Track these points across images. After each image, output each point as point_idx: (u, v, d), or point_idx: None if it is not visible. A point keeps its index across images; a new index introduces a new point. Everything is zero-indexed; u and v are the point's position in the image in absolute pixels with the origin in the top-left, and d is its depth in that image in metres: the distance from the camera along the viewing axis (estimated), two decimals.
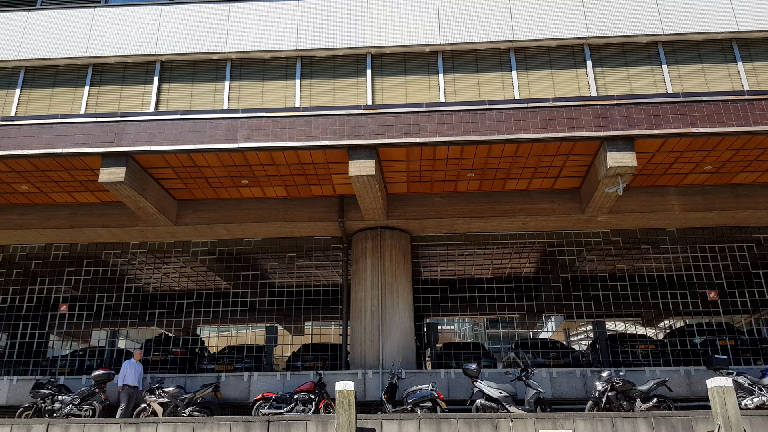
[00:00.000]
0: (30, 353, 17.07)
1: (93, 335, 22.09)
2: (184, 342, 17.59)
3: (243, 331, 23.48)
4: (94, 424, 9.33)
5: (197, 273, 19.54)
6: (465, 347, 17.92)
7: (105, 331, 19.00)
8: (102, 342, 19.69)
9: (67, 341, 21.04)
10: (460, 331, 33.47)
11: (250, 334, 22.69)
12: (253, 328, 23.48)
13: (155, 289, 20.35)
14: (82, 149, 13.01)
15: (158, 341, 17.53)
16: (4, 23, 16.08)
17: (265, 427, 9.07)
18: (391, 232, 15.57)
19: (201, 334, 18.98)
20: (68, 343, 21.35)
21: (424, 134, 12.79)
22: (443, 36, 15.31)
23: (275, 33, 15.60)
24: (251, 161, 13.54)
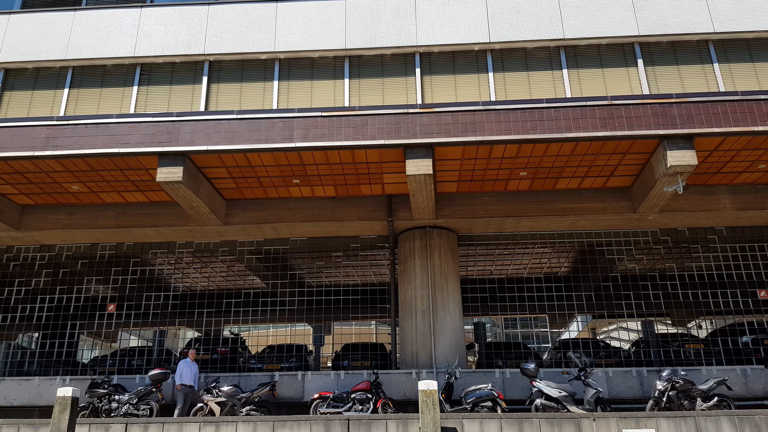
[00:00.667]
0: (74, 353, 17.14)
1: (139, 335, 22.16)
2: (225, 341, 17.62)
3: (284, 330, 23.48)
4: (173, 423, 9.34)
5: (240, 273, 19.56)
6: (507, 347, 17.86)
7: (151, 331, 19.03)
8: (144, 341, 19.75)
9: (114, 341, 21.06)
10: (492, 332, 33.32)
11: (291, 333, 22.70)
12: (293, 327, 23.48)
13: (200, 289, 20.38)
14: (139, 149, 13.03)
15: (201, 341, 17.56)
16: (50, 23, 16.13)
17: (345, 426, 9.06)
18: (440, 231, 15.54)
19: (241, 333, 18.97)
20: (116, 343, 21.39)
21: (481, 133, 12.74)
22: (492, 34, 15.26)
23: (323, 32, 15.59)
24: (306, 161, 13.54)
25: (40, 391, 14.12)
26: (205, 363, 16.74)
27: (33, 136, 13.25)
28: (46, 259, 16.79)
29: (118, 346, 20.22)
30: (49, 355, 16.85)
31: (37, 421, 9.75)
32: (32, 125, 13.29)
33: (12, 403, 14.03)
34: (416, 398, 13.58)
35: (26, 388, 14.13)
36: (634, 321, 21.52)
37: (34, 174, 13.97)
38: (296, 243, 16.58)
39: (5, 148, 13.15)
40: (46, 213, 15.56)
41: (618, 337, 26.04)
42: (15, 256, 16.76)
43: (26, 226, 15.49)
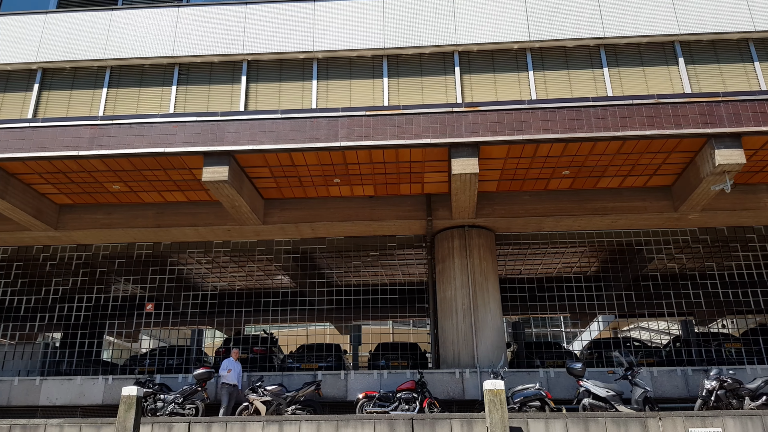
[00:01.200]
0: (113, 353, 17.15)
1: (174, 334, 22.20)
2: (260, 340, 17.62)
3: (313, 330, 23.47)
4: (236, 422, 9.33)
5: (271, 272, 19.56)
6: (540, 346, 17.82)
7: (187, 330, 19.05)
8: (178, 341, 19.76)
9: (153, 340, 21.09)
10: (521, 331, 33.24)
11: (322, 333, 22.70)
12: (324, 327, 23.47)
13: (232, 288, 20.39)
14: (184, 148, 13.02)
15: (236, 340, 17.57)
16: (87, 23, 16.15)
17: (409, 425, 9.03)
18: (478, 231, 15.50)
19: (274, 332, 18.96)
20: (154, 342, 21.43)
21: (527, 131, 12.71)
22: (532, 33, 15.22)
23: (361, 32, 15.57)
24: (349, 160, 13.52)
25: (82, 390, 14.14)
26: (243, 362, 16.74)
27: (77, 135, 13.26)
28: (82, 258, 16.81)
29: (149, 346, 20.27)
30: (87, 354, 16.87)
31: (99, 420, 9.75)
32: (76, 125, 13.30)
33: (54, 402, 14.05)
34: (460, 398, 13.57)
35: (68, 388, 14.15)
36: (665, 320, 21.45)
37: (76, 174, 13.98)
38: (332, 242, 16.57)
39: (50, 147, 13.17)
40: (84, 212, 15.57)
41: (650, 336, 25.96)
42: (51, 256, 16.78)
43: (64, 225, 15.51)
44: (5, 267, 16.98)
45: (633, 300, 19.48)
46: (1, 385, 14.27)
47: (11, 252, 16.81)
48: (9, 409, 14.19)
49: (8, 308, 16.76)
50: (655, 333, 26.77)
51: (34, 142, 13.24)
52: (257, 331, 20.21)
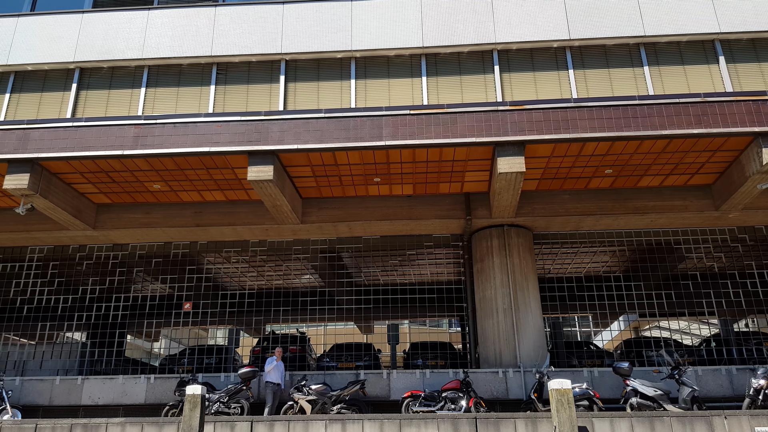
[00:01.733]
0: (151, 352, 17.17)
1: (209, 333, 22.23)
2: (291, 340, 17.64)
3: (343, 329, 23.45)
4: (299, 421, 9.32)
5: (302, 271, 19.57)
6: (577, 346, 17.78)
7: (222, 329, 19.07)
8: (211, 339, 19.76)
9: (190, 339, 21.09)
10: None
11: (351, 332, 22.66)
12: (348, 326, 23.41)
13: (264, 287, 20.37)
14: (229, 147, 13.03)
15: (268, 339, 17.59)
16: (124, 22, 16.17)
17: (473, 424, 9.01)
18: (517, 230, 15.47)
19: (306, 331, 18.96)
20: (191, 341, 21.44)
21: (574, 130, 12.67)
22: (572, 31, 15.18)
23: (399, 30, 15.56)
24: (392, 159, 13.50)
25: (124, 389, 14.16)
26: None
27: (121, 135, 13.27)
28: (119, 258, 16.83)
29: (187, 345, 20.24)
30: (120, 353, 16.89)
31: (160, 419, 9.75)
32: (120, 124, 13.32)
33: (97, 402, 14.07)
34: (504, 397, 13.55)
35: (110, 387, 14.17)
36: (699, 320, 21.34)
37: (118, 173, 14.00)
38: (368, 242, 16.56)
39: (94, 147, 13.19)
40: (122, 212, 15.59)
41: (680, 336, 25.86)
42: (88, 255, 16.81)
43: (103, 225, 15.53)
44: (42, 266, 17.01)
45: (672, 299, 19.39)
46: (43, 385, 14.30)
47: (47, 251, 16.85)
48: (51, 408, 14.22)
49: (45, 307, 16.80)
50: (677, 332, 26.67)
51: (78, 141, 13.26)
52: (283, 331, 20.20)
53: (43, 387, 14.24)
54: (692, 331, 20.85)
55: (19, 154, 13.18)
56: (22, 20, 16.41)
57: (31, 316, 16.37)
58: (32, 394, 14.20)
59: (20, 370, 15.84)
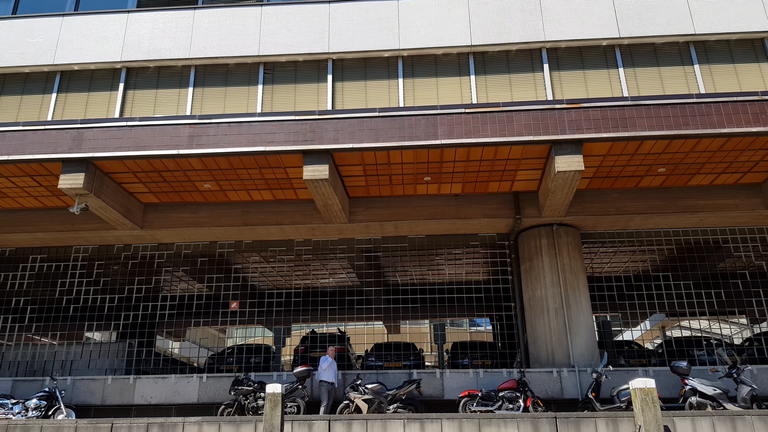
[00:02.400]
0: (199, 350, 17.18)
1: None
2: (333, 339, 17.65)
3: (381, 329, 23.49)
4: (377, 420, 9.31)
5: (339, 270, 19.57)
6: (619, 345, 17.73)
7: (271, 329, 19.06)
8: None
9: (238, 337, 21.12)
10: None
11: (387, 331, 22.67)
12: (405, 325, 23.44)
13: (305, 287, 20.40)
14: (284, 147, 13.02)
15: (312, 338, 17.60)
16: (170, 22, 16.18)
17: (552, 424, 8.98)
18: (566, 229, 15.42)
19: (346, 331, 18.97)
20: (239, 339, 21.46)
21: (632, 128, 12.61)
22: (621, 29, 15.12)
23: (446, 29, 15.53)
24: (446, 158, 13.47)
25: (177, 389, 14.16)
26: (315, 361, 16.75)
27: (176, 134, 13.28)
28: (164, 257, 16.85)
29: (231, 343, 20.31)
30: (162, 353, 16.91)
31: (238, 418, 9.74)
32: (174, 124, 13.32)
33: (149, 401, 14.09)
34: (559, 397, 13.50)
35: (163, 387, 14.18)
36: (739, 319, 21.28)
37: (170, 173, 14.00)
38: (414, 241, 16.53)
39: (149, 146, 13.19)
40: (169, 211, 15.60)
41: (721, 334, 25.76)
42: (133, 255, 16.83)
43: (150, 224, 15.55)
44: (87, 266, 17.04)
45: (723, 297, 19.29)
46: (94, 384, 14.33)
47: (92, 251, 16.88)
48: (103, 407, 14.24)
49: (92, 307, 16.82)
50: (705, 331, 26.56)
51: (133, 141, 13.27)
52: (324, 330, 20.20)
53: (94, 386, 14.26)
54: (731, 330, 20.77)
55: (74, 154, 13.20)
56: (67, 20, 16.44)
57: (78, 316, 16.40)
58: (84, 394, 14.22)
59: (67, 369, 15.86)
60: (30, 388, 14.47)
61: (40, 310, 17.46)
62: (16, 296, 17.42)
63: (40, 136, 13.47)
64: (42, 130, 13.48)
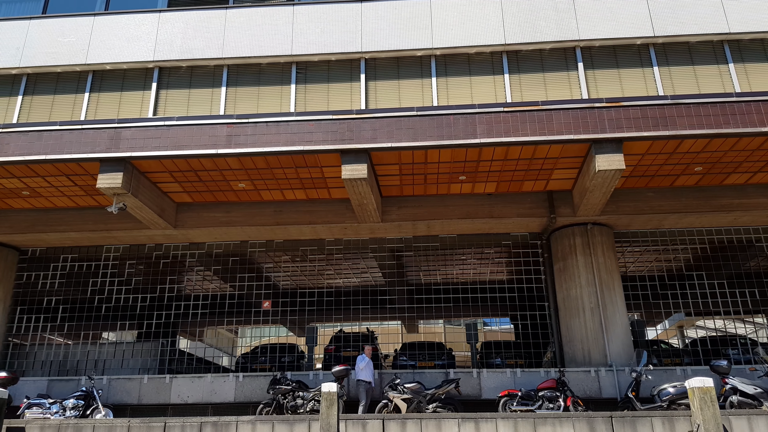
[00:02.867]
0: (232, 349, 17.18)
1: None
2: (362, 339, 17.63)
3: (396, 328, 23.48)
4: (431, 419, 9.29)
5: (372, 269, 19.56)
6: (650, 344, 17.68)
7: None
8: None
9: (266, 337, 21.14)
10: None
11: (427, 331, 22.67)
12: (428, 325, 23.44)
13: (333, 286, 20.40)
14: (322, 146, 13.01)
15: (339, 338, 17.59)
16: (203, 21, 16.17)
17: (608, 423, 8.97)
18: (600, 228, 15.39)
19: (374, 330, 18.97)
20: (254, 340, 21.48)
21: (672, 127, 12.59)
22: (656, 28, 15.08)
23: (479, 28, 15.50)
24: (484, 157, 13.46)
25: (213, 388, 14.17)
26: (347, 360, 16.76)
27: (214, 134, 13.29)
28: (195, 257, 16.86)
29: (258, 343, 20.29)
30: (190, 352, 16.92)
31: (291, 417, 9.74)
32: (213, 123, 13.33)
33: (186, 400, 14.09)
34: (597, 396, 13.47)
35: (199, 386, 14.19)
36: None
37: (207, 172, 14.01)
38: (445, 241, 16.52)
39: (187, 146, 13.20)
40: (202, 211, 15.61)
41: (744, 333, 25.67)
42: (164, 254, 16.84)
43: (182, 224, 15.56)
44: (118, 265, 17.06)
45: (756, 297, 19.21)
46: (131, 384, 14.34)
47: (123, 250, 16.89)
48: (139, 407, 14.25)
49: (124, 306, 16.84)
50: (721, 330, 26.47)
51: (171, 140, 13.28)
52: (352, 329, 20.20)
53: (131, 386, 14.28)
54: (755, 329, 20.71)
55: (112, 153, 13.22)
56: (98, 19, 16.45)
57: (110, 315, 16.42)
58: (120, 393, 14.23)
59: (100, 369, 15.88)
60: (65, 387, 14.49)
61: (72, 309, 17.48)
62: (47, 296, 17.45)
63: (77, 135, 13.49)
64: (79, 129, 13.51)
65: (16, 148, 13.48)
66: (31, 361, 16.19)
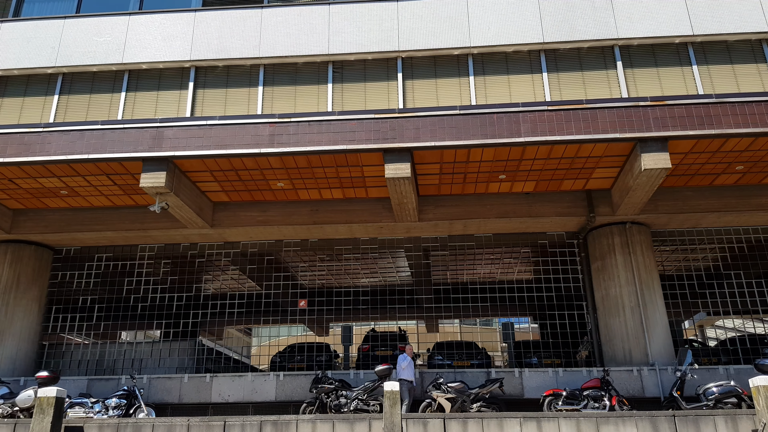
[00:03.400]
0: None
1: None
2: (393, 338, 17.64)
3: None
4: (492, 419, 9.28)
5: (403, 268, 19.56)
6: (682, 344, 17.65)
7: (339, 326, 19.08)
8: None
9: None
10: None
11: (457, 330, 22.68)
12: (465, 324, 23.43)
13: (369, 285, 20.39)
14: (365, 145, 13.00)
15: (373, 337, 17.59)
16: (238, 21, 16.18)
17: (671, 422, 8.95)
18: (638, 227, 15.36)
19: (405, 330, 18.96)
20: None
21: (718, 126, 12.55)
22: (695, 27, 15.05)
23: (517, 26, 15.48)
24: (527, 155, 13.43)
25: (254, 387, 14.17)
26: (383, 359, 16.76)
27: (257, 133, 13.28)
28: (231, 255, 16.87)
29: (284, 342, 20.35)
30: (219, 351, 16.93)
31: (350, 416, 9.74)
32: (254, 123, 13.32)
33: (227, 399, 14.10)
34: (640, 395, 13.45)
35: (240, 385, 14.20)
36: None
37: (247, 171, 14.01)
38: (481, 240, 16.50)
39: (230, 145, 13.20)
40: (238, 210, 15.61)
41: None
42: (199, 254, 16.86)
43: (219, 223, 15.56)
44: (153, 264, 17.08)
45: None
46: (171, 383, 14.35)
47: (158, 250, 16.91)
48: (180, 406, 14.27)
49: (160, 305, 16.86)
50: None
51: (214, 139, 13.28)
52: (384, 328, 20.21)
53: (171, 385, 14.29)
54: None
55: (155, 153, 13.22)
56: (134, 18, 16.47)
57: (146, 314, 16.43)
58: (161, 392, 14.25)
59: (137, 368, 15.90)
60: (105, 386, 14.51)
61: (108, 308, 17.51)
62: (82, 295, 17.49)
63: (119, 134, 13.50)
64: (121, 129, 13.51)
65: (58, 148, 13.49)
66: (67, 360, 16.22)
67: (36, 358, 16.00)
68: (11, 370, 15.42)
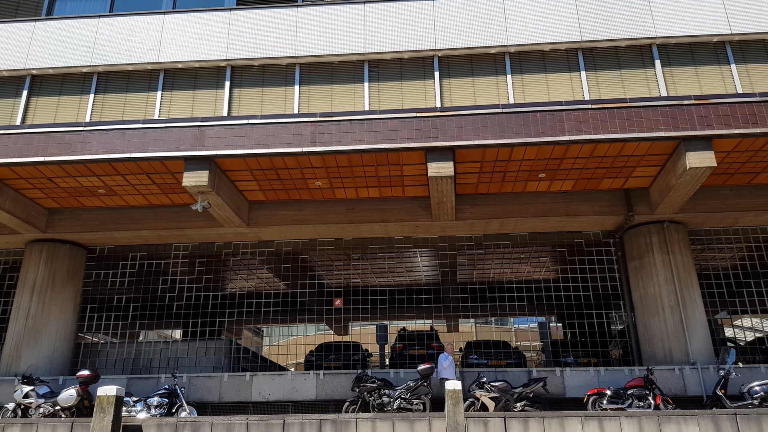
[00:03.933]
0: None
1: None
2: (426, 337, 17.64)
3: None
4: (554, 417, 9.26)
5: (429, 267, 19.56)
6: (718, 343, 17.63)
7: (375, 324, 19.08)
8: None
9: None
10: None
11: (494, 330, 22.67)
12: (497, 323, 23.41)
13: (396, 284, 20.39)
14: (407, 144, 12.99)
15: (403, 336, 17.59)
16: (273, 19, 16.17)
17: (733, 421, 8.95)
18: (676, 226, 15.33)
19: (436, 329, 18.95)
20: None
21: (762, 124, 12.52)
22: (732, 26, 15.01)
23: (554, 25, 15.45)
24: (569, 154, 13.41)
25: (294, 386, 14.18)
26: (417, 358, 16.77)
27: (298, 132, 13.28)
28: (265, 255, 16.87)
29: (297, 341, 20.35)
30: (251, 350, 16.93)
31: (410, 415, 9.74)
32: (296, 122, 13.32)
33: (267, 398, 14.11)
34: (682, 394, 13.42)
35: (280, 384, 14.20)
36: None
37: (287, 170, 14.01)
38: (516, 239, 16.48)
39: (273, 144, 13.20)
40: (274, 209, 15.62)
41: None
42: (233, 252, 16.86)
43: (255, 222, 15.57)
44: (187, 264, 17.09)
45: None
46: (211, 381, 14.36)
47: (192, 249, 16.93)
48: (220, 405, 14.27)
49: (195, 304, 16.87)
50: None
51: (256, 139, 13.29)
52: (415, 327, 20.20)
53: (211, 384, 14.30)
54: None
55: (198, 152, 13.24)
56: (168, 18, 16.48)
57: (182, 313, 16.44)
58: (201, 391, 14.26)
59: (174, 367, 15.91)
60: (145, 385, 14.53)
61: (143, 307, 17.52)
62: (117, 293, 17.51)
63: (161, 134, 13.51)
64: (163, 128, 13.52)
65: (100, 147, 13.51)
66: (103, 359, 16.24)
67: (72, 358, 16.03)
68: (48, 370, 15.45)
